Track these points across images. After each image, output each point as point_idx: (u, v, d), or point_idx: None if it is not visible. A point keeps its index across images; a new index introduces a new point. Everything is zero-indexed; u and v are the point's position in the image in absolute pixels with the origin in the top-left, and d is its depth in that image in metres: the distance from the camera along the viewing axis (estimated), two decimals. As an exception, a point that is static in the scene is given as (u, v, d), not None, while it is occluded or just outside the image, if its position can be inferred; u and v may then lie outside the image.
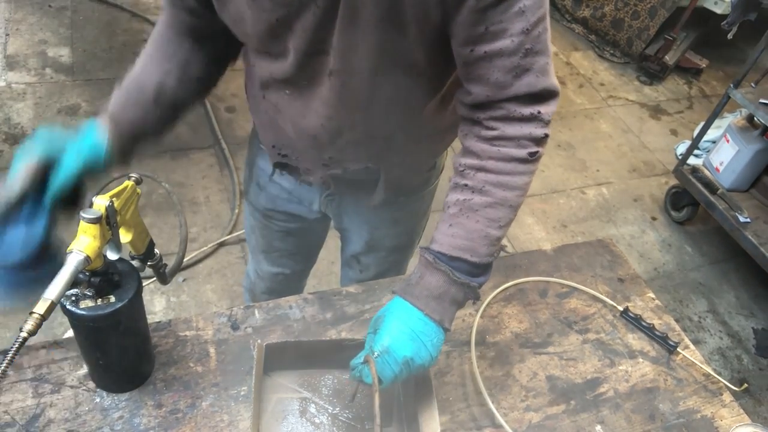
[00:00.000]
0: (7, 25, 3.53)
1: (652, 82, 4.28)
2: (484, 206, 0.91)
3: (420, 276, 0.92)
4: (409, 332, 0.89)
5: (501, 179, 0.91)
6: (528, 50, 0.84)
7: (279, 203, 1.35)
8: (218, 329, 1.13)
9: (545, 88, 0.88)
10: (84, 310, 0.86)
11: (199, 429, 0.98)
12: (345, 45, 0.88)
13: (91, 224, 0.81)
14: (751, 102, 2.67)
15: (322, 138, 1.06)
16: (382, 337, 0.90)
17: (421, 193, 1.35)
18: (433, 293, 0.91)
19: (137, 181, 0.95)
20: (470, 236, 0.91)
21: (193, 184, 2.77)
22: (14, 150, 2.78)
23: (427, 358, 0.90)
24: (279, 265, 1.56)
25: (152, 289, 2.32)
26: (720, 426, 1.14)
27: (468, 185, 0.92)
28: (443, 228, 0.93)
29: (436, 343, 0.91)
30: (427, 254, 0.93)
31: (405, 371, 0.90)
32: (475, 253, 0.91)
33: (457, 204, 0.93)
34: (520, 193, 0.93)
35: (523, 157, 0.90)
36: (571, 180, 3.35)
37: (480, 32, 0.83)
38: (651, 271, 2.95)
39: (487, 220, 0.91)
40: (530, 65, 0.85)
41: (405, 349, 0.88)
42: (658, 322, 1.31)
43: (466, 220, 0.91)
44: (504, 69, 0.85)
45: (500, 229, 0.92)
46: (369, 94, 0.97)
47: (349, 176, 1.18)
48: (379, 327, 0.92)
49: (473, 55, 0.86)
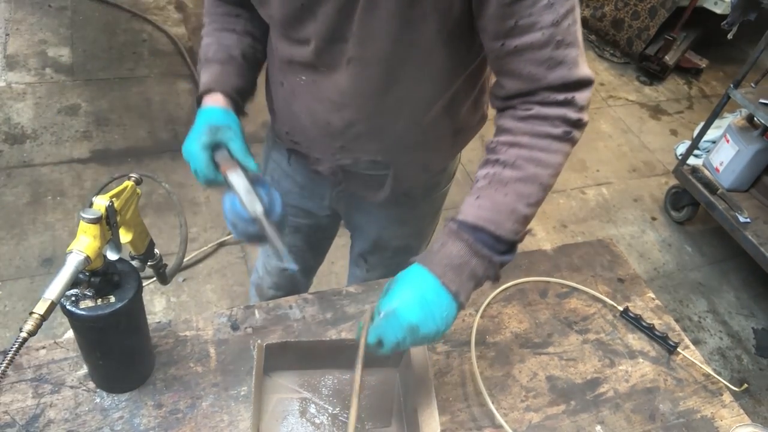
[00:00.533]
0: (7, 25, 3.53)
1: (652, 82, 4.28)
2: (515, 180, 0.88)
3: (442, 244, 0.88)
4: (419, 299, 0.85)
5: (534, 155, 0.89)
6: (559, 42, 0.84)
7: (291, 198, 1.36)
8: (218, 329, 1.13)
9: (579, 78, 0.88)
10: (84, 310, 0.86)
11: (199, 429, 0.98)
12: (364, 33, 0.89)
13: (91, 224, 0.81)
14: (751, 102, 2.67)
15: (335, 125, 1.08)
16: (391, 299, 0.86)
17: (431, 196, 1.35)
18: (453, 262, 0.86)
19: (137, 181, 0.95)
20: (497, 208, 0.88)
21: (193, 184, 2.77)
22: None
23: (433, 329, 0.85)
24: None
25: (152, 289, 2.32)
26: (720, 426, 1.14)
27: (500, 159, 0.90)
28: (470, 200, 0.90)
29: (445, 317, 0.86)
30: (451, 223, 0.89)
31: (409, 338, 0.85)
32: (500, 227, 0.87)
33: (486, 177, 0.90)
34: (553, 173, 0.90)
35: (557, 134, 0.89)
36: (571, 180, 3.35)
37: (510, 26, 0.83)
38: (651, 271, 2.95)
39: (516, 194, 0.88)
40: (562, 58, 0.85)
41: (412, 315, 0.84)
42: (658, 322, 1.31)
43: (494, 192, 0.88)
44: (536, 62, 0.85)
45: (529, 207, 0.89)
46: (384, 83, 0.98)
47: (359, 169, 1.18)
48: (391, 289, 0.88)
49: (504, 50, 0.86)
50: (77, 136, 2.94)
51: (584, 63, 0.89)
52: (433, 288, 0.86)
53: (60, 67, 3.31)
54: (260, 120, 3.02)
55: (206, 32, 1.12)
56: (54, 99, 3.11)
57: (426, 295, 0.85)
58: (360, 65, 0.95)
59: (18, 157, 2.77)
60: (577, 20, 0.87)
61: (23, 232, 2.46)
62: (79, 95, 3.16)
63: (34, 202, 2.58)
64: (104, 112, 3.10)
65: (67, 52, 3.43)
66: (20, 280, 2.29)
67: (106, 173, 2.77)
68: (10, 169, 2.71)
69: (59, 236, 2.46)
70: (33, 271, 2.33)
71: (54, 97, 3.12)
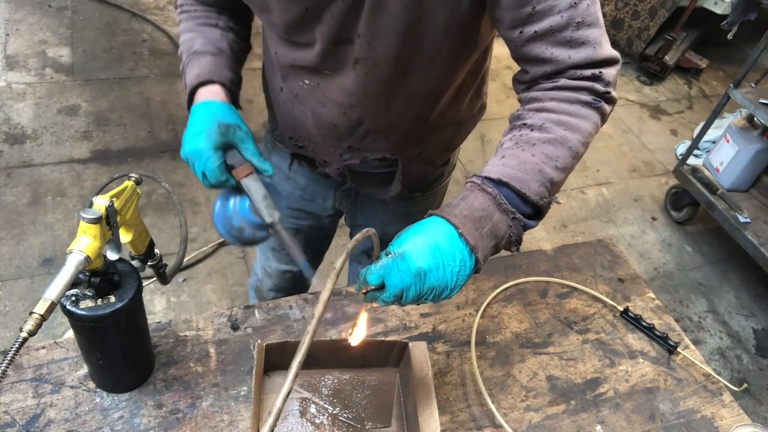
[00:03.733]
0: (7, 25, 3.53)
1: (652, 82, 4.28)
2: (543, 142, 0.83)
3: (462, 197, 0.82)
4: (432, 245, 0.77)
5: (563, 118, 0.85)
6: (579, 23, 0.83)
7: (292, 201, 1.35)
8: (218, 329, 1.13)
9: (605, 57, 0.86)
10: (84, 310, 0.86)
11: (199, 429, 0.98)
12: (371, 33, 0.88)
13: (92, 224, 0.81)
14: (751, 102, 2.67)
15: (342, 127, 1.07)
16: (402, 241, 0.79)
17: (434, 189, 1.35)
18: (474, 214, 0.79)
19: (137, 181, 0.95)
20: (523, 167, 0.82)
21: (193, 184, 2.77)
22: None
23: (443, 281, 0.77)
24: (287, 263, 1.56)
25: (152, 289, 2.32)
26: (720, 426, 1.14)
27: (527, 123, 0.86)
28: (494, 160, 0.85)
29: (458, 272, 0.78)
30: (474, 179, 0.83)
31: (415, 287, 0.77)
32: (525, 186, 0.81)
33: (512, 138, 0.86)
34: (582, 139, 0.86)
35: (587, 100, 0.86)
36: (571, 180, 3.34)
37: (527, 13, 0.83)
38: (651, 271, 2.95)
39: (543, 155, 0.83)
40: (585, 38, 0.84)
41: (421, 260, 0.76)
42: (658, 322, 1.31)
43: (521, 152, 0.83)
44: (558, 44, 0.84)
45: (557, 170, 0.83)
46: (393, 81, 0.97)
47: (367, 167, 1.18)
48: (404, 233, 0.81)
49: (523, 37, 0.85)
50: (77, 136, 2.94)
51: (607, 43, 0.87)
52: (448, 236, 0.78)
53: (60, 67, 3.31)
54: (261, 120, 3.03)
55: (186, 28, 1.07)
56: (54, 99, 3.11)
57: (440, 243, 0.77)
58: (367, 65, 0.94)
59: (18, 157, 2.77)
60: (597, 1, 0.85)
61: (23, 232, 2.46)
62: (79, 95, 3.16)
63: (34, 202, 2.58)
64: (104, 112, 3.10)
65: (67, 52, 3.43)
66: (20, 280, 2.29)
67: (106, 173, 2.77)
68: (10, 169, 2.71)
69: (59, 236, 2.46)
70: (33, 271, 2.33)
71: (54, 97, 3.12)
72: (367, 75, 0.95)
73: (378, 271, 0.78)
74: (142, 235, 1.01)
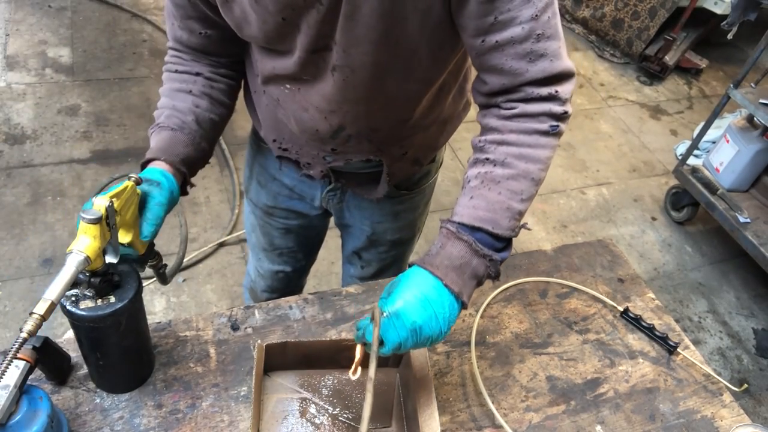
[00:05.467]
0: (7, 25, 3.53)
1: (652, 82, 4.28)
2: (506, 178, 0.89)
3: (441, 246, 0.88)
4: (422, 299, 0.84)
5: (523, 151, 0.89)
6: (539, 35, 0.84)
7: (280, 200, 1.36)
8: (218, 329, 1.13)
9: (562, 71, 0.88)
10: (84, 311, 0.86)
11: (199, 429, 0.98)
12: (347, 40, 0.89)
13: (91, 225, 0.81)
14: (751, 102, 2.67)
15: (324, 131, 1.07)
16: (394, 299, 0.85)
17: (421, 187, 1.35)
18: (454, 263, 0.86)
19: (137, 182, 0.95)
20: (492, 207, 0.88)
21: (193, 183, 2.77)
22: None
23: (436, 330, 0.85)
24: (280, 263, 1.56)
25: (152, 289, 2.32)
26: (720, 426, 1.14)
27: (489, 159, 0.91)
28: (464, 201, 0.90)
29: (448, 318, 0.86)
30: (448, 225, 0.89)
31: (411, 339, 0.84)
32: (497, 225, 0.88)
33: (478, 177, 0.91)
34: (542, 167, 0.91)
35: (544, 129, 0.89)
36: (571, 180, 3.35)
37: (489, 22, 0.84)
38: (651, 271, 2.95)
39: (509, 192, 0.89)
40: (543, 50, 0.85)
41: (415, 315, 0.83)
42: (658, 322, 1.31)
43: (487, 191, 0.89)
44: (517, 56, 0.86)
45: (522, 202, 0.90)
46: (371, 87, 0.97)
47: (351, 169, 1.18)
48: (393, 290, 0.87)
49: (485, 46, 0.86)
50: (77, 136, 2.94)
51: (566, 55, 0.89)
52: (435, 289, 0.85)
53: (60, 68, 3.31)
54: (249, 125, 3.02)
55: (163, 91, 1.08)
56: (54, 99, 3.11)
57: (429, 296, 0.85)
58: (345, 72, 0.94)
59: (18, 157, 2.78)
60: (557, 13, 0.87)
61: (23, 232, 2.46)
62: (79, 95, 3.17)
63: (34, 202, 2.58)
64: (104, 112, 3.10)
65: (67, 52, 3.43)
66: (20, 280, 2.29)
67: (106, 173, 2.77)
68: (10, 169, 2.71)
69: (59, 236, 2.46)
70: (33, 271, 2.33)
71: (54, 98, 3.12)
72: (345, 81, 0.96)
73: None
74: (142, 235, 1.01)
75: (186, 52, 1.08)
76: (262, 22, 0.91)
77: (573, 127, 3.74)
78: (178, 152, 1.01)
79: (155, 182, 0.94)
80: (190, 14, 1.01)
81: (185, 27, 1.03)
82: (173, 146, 1.01)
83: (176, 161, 1.00)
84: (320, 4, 0.85)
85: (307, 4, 0.86)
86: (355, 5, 0.83)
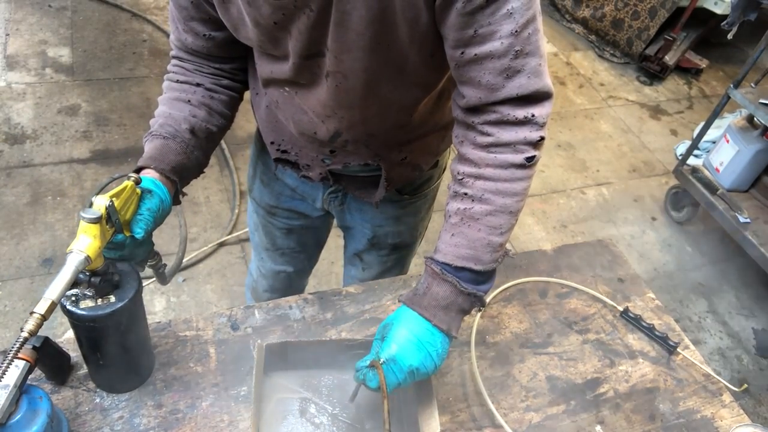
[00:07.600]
0: (7, 25, 3.53)
1: (652, 82, 4.28)
2: (485, 214, 0.92)
3: (427, 287, 0.94)
4: (416, 342, 0.91)
5: (500, 186, 0.91)
6: (518, 52, 0.84)
7: (283, 200, 1.36)
8: (218, 329, 1.13)
9: (538, 89, 0.87)
10: (84, 310, 0.86)
11: (199, 429, 0.98)
12: (339, 46, 0.89)
13: (92, 224, 0.81)
14: (751, 102, 2.67)
15: (321, 135, 1.08)
16: (389, 344, 0.92)
17: (423, 191, 1.35)
18: (441, 303, 0.92)
19: (137, 182, 0.95)
20: (473, 245, 0.92)
21: (193, 184, 2.75)
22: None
23: (431, 367, 0.92)
24: (282, 263, 1.56)
25: (152, 289, 2.32)
26: (720, 426, 1.14)
27: (468, 194, 0.93)
28: (446, 237, 0.94)
29: (441, 353, 0.93)
30: (433, 265, 0.94)
31: (409, 379, 0.92)
32: (479, 262, 0.92)
33: (458, 213, 0.94)
34: (520, 199, 0.93)
35: (520, 162, 0.90)
36: (571, 180, 3.35)
37: (469, 35, 0.84)
38: (651, 271, 2.95)
39: (488, 228, 0.92)
40: (521, 67, 0.85)
41: (411, 359, 0.90)
42: (658, 322, 1.31)
43: (467, 229, 0.92)
44: (495, 71, 0.85)
45: (502, 235, 0.93)
46: (365, 93, 0.98)
47: (350, 172, 1.18)
48: (387, 335, 0.93)
49: (464, 58, 0.86)
50: (77, 136, 2.94)
51: (545, 73, 0.88)
52: (426, 330, 0.92)
53: (60, 67, 3.31)
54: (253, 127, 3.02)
55: (161, 99, 1.08)
56: (54, 99, 3.11)
57: (421, 338, 0.91)
58: (337, 78, 0.95)
59: (18, 157, 2.78)
60: (539, 29, 0.86)
61: (23, 232, 2.46)
62: (79, 95, 3.16)
63: (34, 202, 2.58)
64: (104, 112, 3.10)
65: (67, 52, 3.43)
66: (20, 280, 2.29)
67: (106, 173, 2.77)
68: (10, 169, 2.71)
69: (59, 236, 2.46)
70: (33, 271, 2.33)
71: (54, 97, 3.12)
72: (339, 87, 0.96)
73: (376, 377, 0.91)
74: (142, 235, 1.01)
75: (189, 60, 1.08)
76: (255, 24, 0.92)
77: (573, 127, 3.74)
78: (169, 160, 1.01)
79: (146, 190, 0.94)
80: (194, 16, 1.01)
81: (189, 29, 1.03)
82: (164, 154, 1.01)
83: (167, 169, 0.99)
84: (310, 10, 0.85)
85: (298, 9, 0.86)
86: (345, 12, 0.84)
